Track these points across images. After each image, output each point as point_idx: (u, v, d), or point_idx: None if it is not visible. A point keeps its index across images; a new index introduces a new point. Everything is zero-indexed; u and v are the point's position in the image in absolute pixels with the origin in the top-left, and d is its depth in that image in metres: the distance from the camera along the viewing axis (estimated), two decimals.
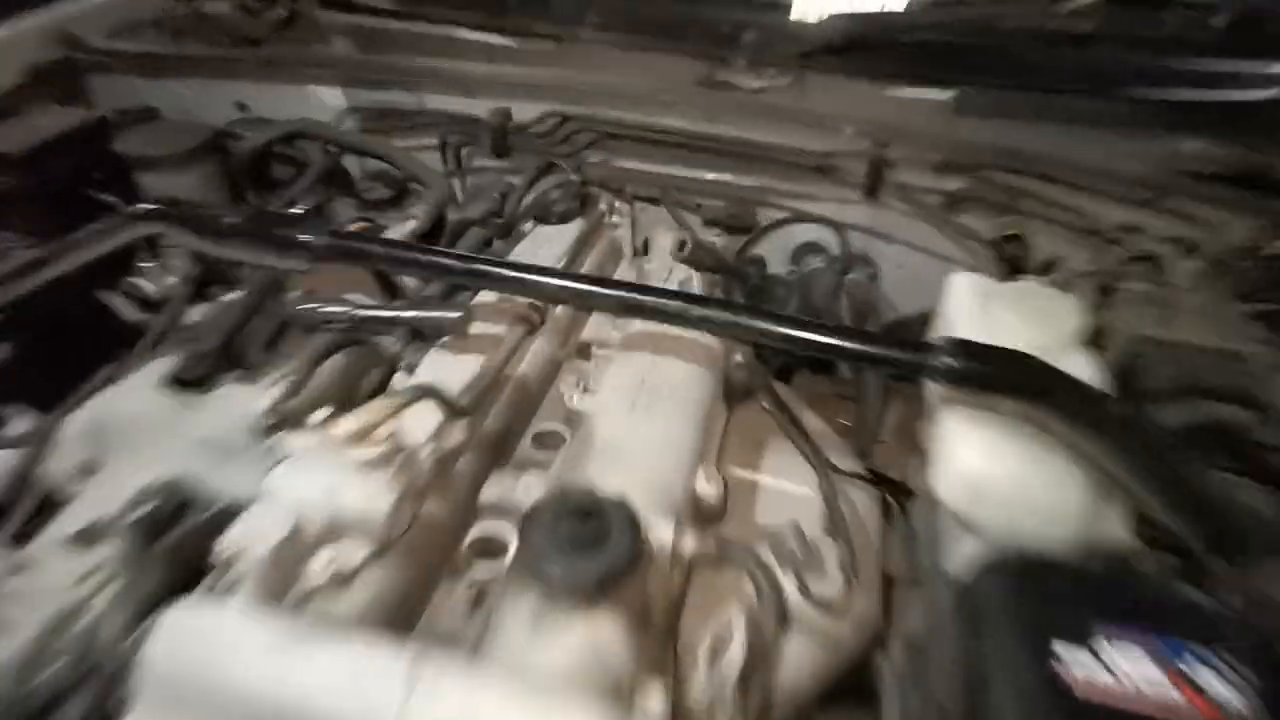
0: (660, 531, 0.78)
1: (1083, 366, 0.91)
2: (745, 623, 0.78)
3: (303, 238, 0.97)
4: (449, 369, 0.98)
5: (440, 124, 1.48)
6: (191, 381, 0.89)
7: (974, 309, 1.02)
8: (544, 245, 1.26)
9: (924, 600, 0.94)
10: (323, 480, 0.72)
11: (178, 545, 0.71)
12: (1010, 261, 1.29)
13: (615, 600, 0.66)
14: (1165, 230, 1.25)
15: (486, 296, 1.09)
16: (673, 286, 1.17)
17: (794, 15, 1.43)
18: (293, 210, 1.25)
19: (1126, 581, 0.75)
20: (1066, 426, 0.78)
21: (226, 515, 0.70)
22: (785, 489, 1.06)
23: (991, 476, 0.87)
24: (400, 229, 1.21)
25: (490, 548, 0.84)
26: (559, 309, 1.11)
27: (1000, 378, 0.80)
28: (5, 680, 0.63)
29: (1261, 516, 0.87)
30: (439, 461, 0.82)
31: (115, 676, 0.64)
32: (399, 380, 1.01)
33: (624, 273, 1.28)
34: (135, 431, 0.84)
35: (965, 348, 0.81)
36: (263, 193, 1.45)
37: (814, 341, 0.84)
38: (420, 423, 0.86)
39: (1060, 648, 0.63)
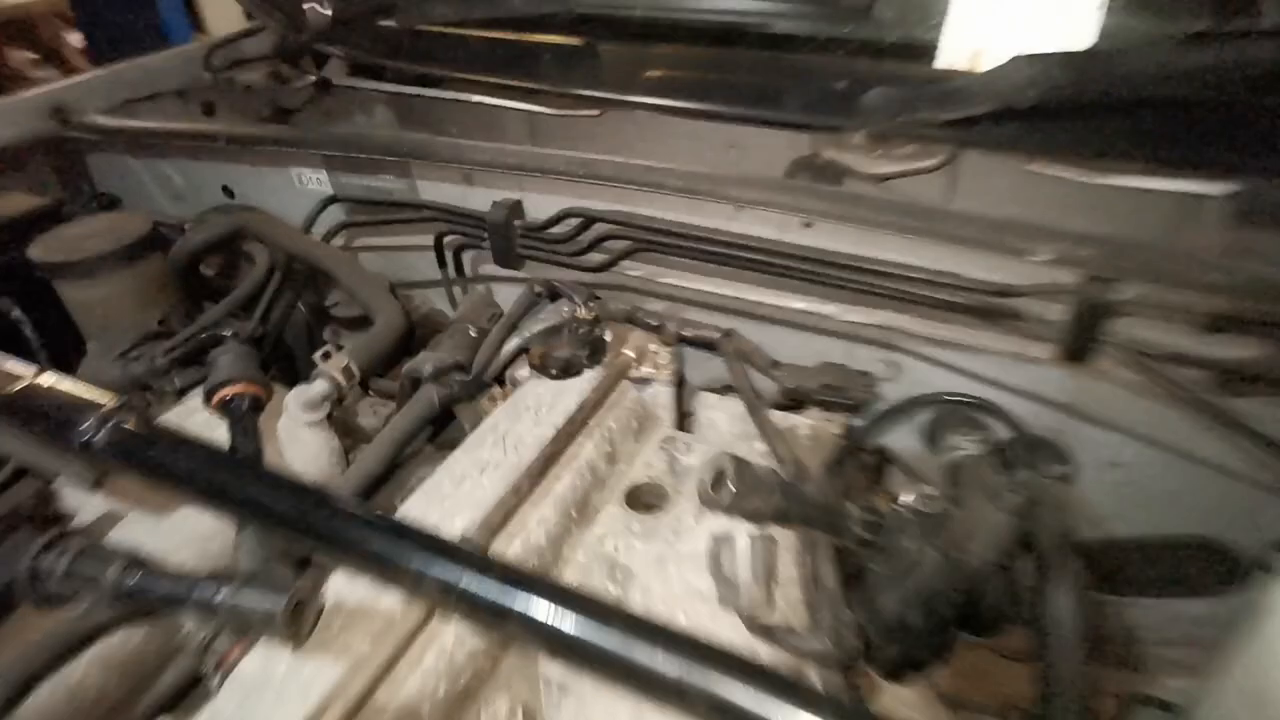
0: None
1: None
2: None
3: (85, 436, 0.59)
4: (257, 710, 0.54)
5: (436, 218, 1.08)
6: None
7: None
8: (525, 416, 0.81)
9: None
10: None
11: None
12: None
13: None
14: None
15: None
16: (709, 525, 0.68)
17: (942, 62, 0.93)
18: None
19: None
20: None
21: None
22: None
23: None
24: (306, 389, 0.80)
25: None
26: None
27: None
28: None
29: None
30: None
31: None
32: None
33: (648, 464, 0.81)
34: None
35: None
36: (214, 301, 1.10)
37: None
38: None
39: None
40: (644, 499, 0.80)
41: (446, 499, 0.72)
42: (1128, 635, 1.02)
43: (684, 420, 0.88)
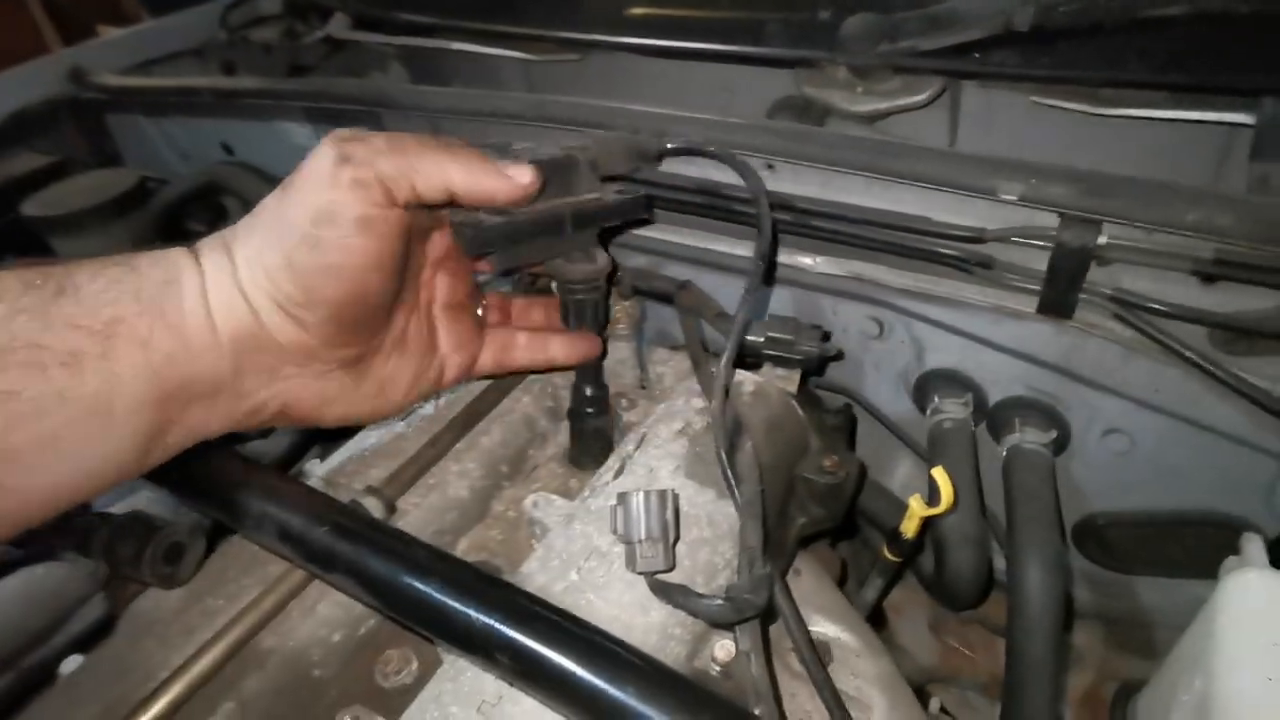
0: None
1: None
2: None
3: None
4: None
5: None
6: None
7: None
8: None
9: None
10: None
11: None
12: None
13: None
14: None
15: None
16: (622, 483, 0.64)
17: None
18: None
19: None
20: None
21: None
22: None
23: None
24: None
25: None
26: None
27: None
28: None
29: None
30: None
31: None
32: None
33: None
34: None
35: None
36: None
37: None
38: None
39: None
40: (593, 456, 0.77)
41: (367, 451, 0.71)
42: (1138, 617, 0.94)
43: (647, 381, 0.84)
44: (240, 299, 0.46)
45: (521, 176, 0.54)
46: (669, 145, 0.75)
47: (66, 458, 0.40)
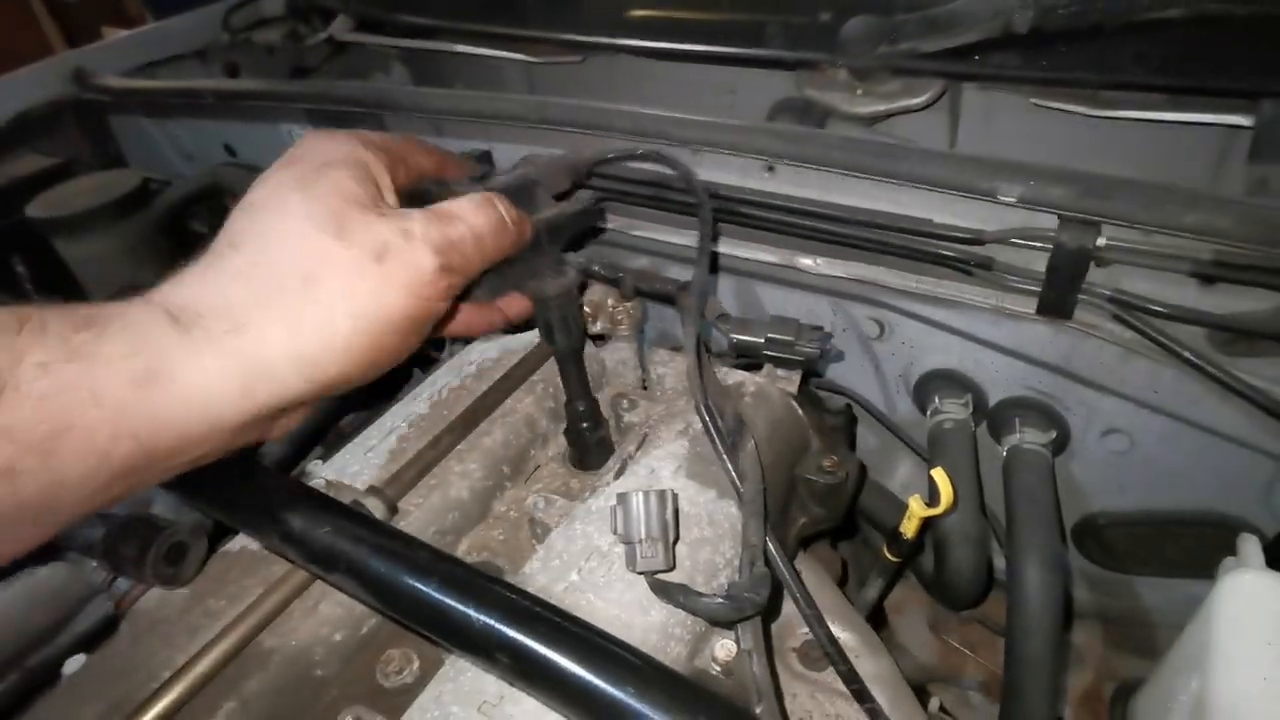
0: None
1: None
2: None
3: None
4: None
5: None
6: None
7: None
8: (465, 371, 0.79)
9: None
10: None
11: None
12: None
13: None
14: None
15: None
16: (623, 483, 0.65)
17: None
18: None
19: None
20: None
21: None
22: None
23: None
24: None
25: None
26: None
27: None
28: None
29: None
30: None
31: None
32: None
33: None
34: None
35: None
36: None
37: None
38: None
39: None
40: (595, 460, 0.77)
41: (369, 453, 0.71)
42: (1137, 616, 0.94)
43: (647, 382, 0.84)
44: (266, 376, 0.42)
45: (526, 229, 0.58)
46: (607, 156, 0.81)
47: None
